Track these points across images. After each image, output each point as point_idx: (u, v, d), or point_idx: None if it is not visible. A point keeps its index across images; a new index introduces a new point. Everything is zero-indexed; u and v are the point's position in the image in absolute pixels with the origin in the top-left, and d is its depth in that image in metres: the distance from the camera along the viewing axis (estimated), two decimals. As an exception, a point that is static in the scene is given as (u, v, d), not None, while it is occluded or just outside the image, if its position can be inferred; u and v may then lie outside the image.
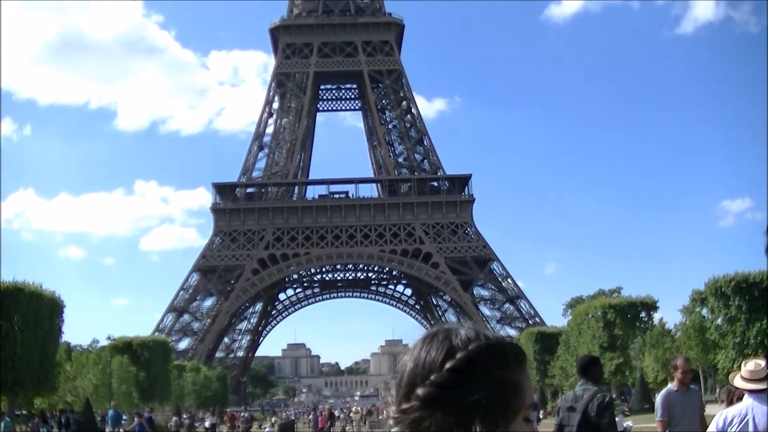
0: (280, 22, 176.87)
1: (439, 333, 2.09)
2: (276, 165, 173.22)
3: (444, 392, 1.96)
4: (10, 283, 47.57)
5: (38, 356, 48.37)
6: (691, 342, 64.83)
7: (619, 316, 77.11)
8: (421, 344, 2.09)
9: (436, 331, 2.12)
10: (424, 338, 2.11)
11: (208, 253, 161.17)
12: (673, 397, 11.74)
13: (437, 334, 2.09)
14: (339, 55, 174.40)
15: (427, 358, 2.03)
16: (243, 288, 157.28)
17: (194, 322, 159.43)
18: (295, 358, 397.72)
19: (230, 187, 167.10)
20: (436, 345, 2.05)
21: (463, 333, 2.07)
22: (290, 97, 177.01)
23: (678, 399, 11.71)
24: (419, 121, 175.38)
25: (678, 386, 11.76)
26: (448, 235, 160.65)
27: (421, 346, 2.08)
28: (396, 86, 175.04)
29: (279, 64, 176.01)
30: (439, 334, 2.08)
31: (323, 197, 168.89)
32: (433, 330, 2.13)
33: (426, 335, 2.12)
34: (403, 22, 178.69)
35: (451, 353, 2.01)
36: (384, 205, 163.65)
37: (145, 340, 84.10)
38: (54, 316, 52.34)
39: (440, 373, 1.98)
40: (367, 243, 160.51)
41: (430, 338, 2.08)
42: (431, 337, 2.09)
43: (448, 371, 1.97)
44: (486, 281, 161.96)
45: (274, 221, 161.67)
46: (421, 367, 2.02)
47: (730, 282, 58.01)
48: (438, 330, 2.12)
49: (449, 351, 2.01)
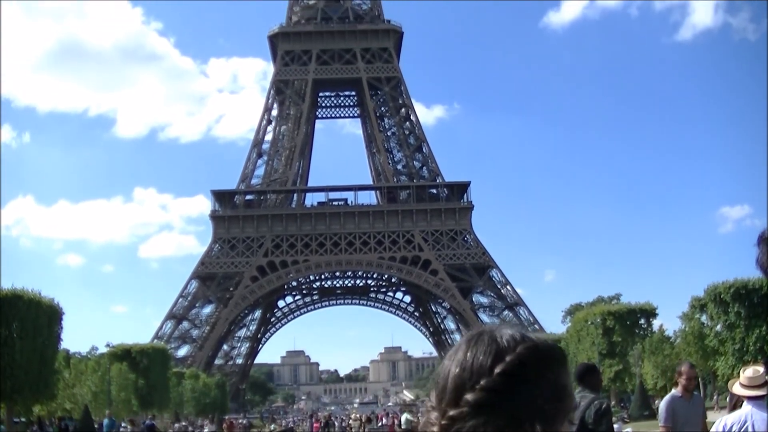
0: (279, 29, 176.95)
1: (484, 335, 2.03)
2: (275, 172, 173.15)
3: (495, 397, 1.90)
4: (9, 290, 47.50)
5: (37, 363, 48.28)
6: (691, 349, 64.76)
7: (618, 323, 77.16)
8: (465, 347, 2.02)
9: (479, 332, 2.06)
10: (467, 340, 2.04)
11: (207, 260, 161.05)
12: (676, 403, 11.71)
13: (482, 336, 2.03)
14: (338, 62, 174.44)
15: (475, 361, 1.96)
16: (242, 295, 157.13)
17: (193, 330, 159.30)
18: (294, 366, 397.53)
19: (229, 195, 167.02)
20: (482, 348, 1.98)
21: (508, 334, 2.01)
22: (289, 105, 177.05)
23: (682, 405, 11.68)
24: (418, 128, 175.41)
25: (682, 392, 11.73)
26: (447, 242, 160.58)
27: (466, 348, 2.01)
28: (395, 93, 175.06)
29: (278, 71, 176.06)
30: (484, 336, 2.02)
31: (322, 204, 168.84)
32: (476, 332, 2.07)
33: (469, 337, 2.05)
34: (402, 30, 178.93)
35: (500, 356, 1.95)
36: (383, 212, 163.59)
37: (144, 348, 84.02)
38: (53, 323, 52.24)
39: (491, 378, 1.92)
40: (366, 250, 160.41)
41: (475, 340, 2.02)
42: (475, 339, 2.03)
43: (499, 375, 1.92)
44: (485, 288, 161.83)
45: (273, 228, 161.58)
46: (468, 371, 1.95)
47: (729, 288, 58.00)
48: (482, 332, 2.06)
49: (497, 354, 1.96)
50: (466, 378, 1.94)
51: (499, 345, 1.97)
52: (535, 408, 1.91)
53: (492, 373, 1.92)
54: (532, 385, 1.92)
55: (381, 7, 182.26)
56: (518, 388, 1.91)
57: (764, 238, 3.58)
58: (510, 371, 1.91)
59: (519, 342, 1.98)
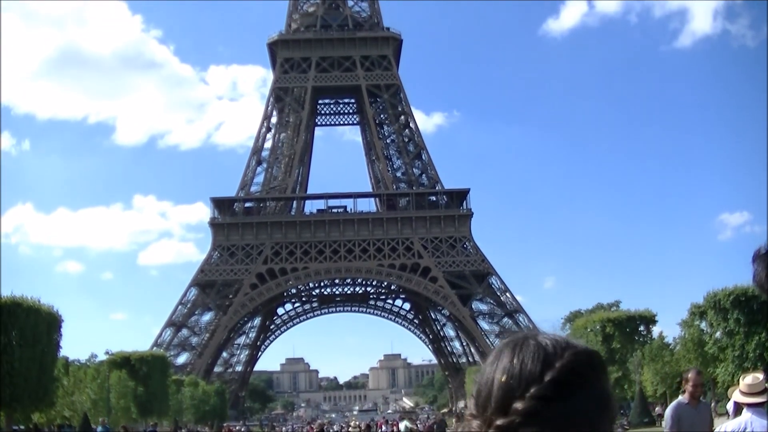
0: (279, 36, 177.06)
1: (528, 340, 1.97)
2: (274, 179, 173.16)
3: (546, 405, 1.84)
4: (8, 298, 47.51)
5: (36, 371, 48.27)
6: (690, 355, 64.74)
7: (618, 330, 77.17)
8: (510, 353, 1.95)
9: (522, 337, 2.00)
10: (512, 346, 1.97)
11: (207, 267, 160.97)
12: (683, 409, 11.68)
13: (526, 341, 1.96)
14: (337, 69, 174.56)
15: (523, 368, 1.90)
16: (241, 302, 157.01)
17: (193, 337, 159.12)
18: (293, 373, 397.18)
19: (228, 202, 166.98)
20: (529, 354, 1.92)
21: (554, 339, 1.97)
22: (288, 112, 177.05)
23: (688, 412, 11.65)
24: (417, 135, 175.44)
25: (689, 399, 11.72)
26: (446, 249, 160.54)
27: (511, 355, 1.94)
28: (394, 101, 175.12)
29: (277, 78, 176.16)
30: (529, 342, 1.96)
31: (321, 212, 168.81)
32: (518, 337, 2.01)
33: (512, 344, 1.98)
34: (401, 37, 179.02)
35: (549, 362, 1.90)
36: (382, 220, 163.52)
37: (143, 355, 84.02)
38: (52, 330, 52.23)
39: (541, 385, 1.86)
40: (366, 257, 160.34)
41: (520, 346, 1.96)
42: (520, 345, 1.96)
43: (550, 383, 1.86)
44: (484, 295, 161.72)
45: (273, 236, 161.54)
46: (517, 378, 1.89)
47: (729, 296, 58.02)
48: (525, 336, 2.00)
49: (546, 360, 1.90)
50: (515, 386, 1.88)
51: (547, 351, 1.92)
52: (583, 415, 1.87)
53: (542, 380, 1.87)
54: (580, 392, 1.88)
55: (380, 15, 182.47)
56: (568, 395, 1.86)
57: (760, 255, 3.58)
58: (561, 378, 1.87)
59: (565, 348, 1.94)
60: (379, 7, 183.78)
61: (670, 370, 67.62)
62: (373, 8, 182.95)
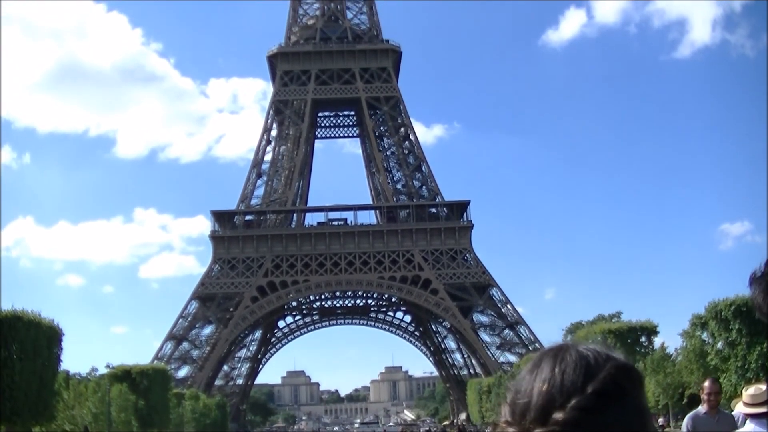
0: (278, 49, 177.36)
1: (570, 350, 1.95)
2: (274, 192, 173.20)
3: (587, 416, 1.81)
4: (8, 312, 47.38)
5: (36, 385, 48.14)
6: (692, 366, 64.56)
7: (619, 341, 76.92)
8: (551, 362, 1.92)
9: (563, 347, 1.97)
10: (552, 356, 1.95)
11: (207, 280, 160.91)
12: (700, 420, 11.56)
13: (568, 351, 1.94)
14: (337, 82, 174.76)
15: (565, 378, 1.87)
16: (242, 315, 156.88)
17: (193, 350, 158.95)
18: (294, 386, 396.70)
19: (229, 215, 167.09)
20: (571, 364, 1.90)
21: (595, 351, 1.96)
22: (288, 125, 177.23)
23: (705, 422, 11.51)
24: (417, 147, 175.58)
25: (707, 409, 11.62)
26: (447, 261, 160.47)
27: (552, 364, 1.91)
28: (394, 113, 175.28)
29: (277, 91, 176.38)
30: (571, 351, 1.94)
31: (322, 224, 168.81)
32: (559, 346, 1.99)
33: (553, 353, 1.96)
34: (401, 49, 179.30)
35: (591, 373, 1.88)
36: (383, 232, 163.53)
37: (144, 369, 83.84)
38: (52, 344, 52.11)
39: (583, 396, 1.84)
40: (366, 270, 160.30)
41: (561, 356, 1.93)
42: (561, 354, 1.94)
43: (592, 394, 1.84)
44: (485, 307, 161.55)
45: (273, 249, 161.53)
46: (558, 388, 1.87)
47: (730, 306, 57.81)
48: (566, 347, 1.97)
49: (588, 371, 1.88)
50: (556, 395, 1.86)
51: (589, 362, 1.90)
52: (622, 427, 1.85)
53: (584, 391, 1.85)
54: (620, 405, 1.87)
55: (380, 27, 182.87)
56: (609, 407, 1.85)
57: (756, 278, 3.54)
58: (603, 390, 1.85)
59: (606, 359, 1.93)
60: (379, 19, 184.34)
61: (672, 381, 67.45)
62: (373, 21, 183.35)
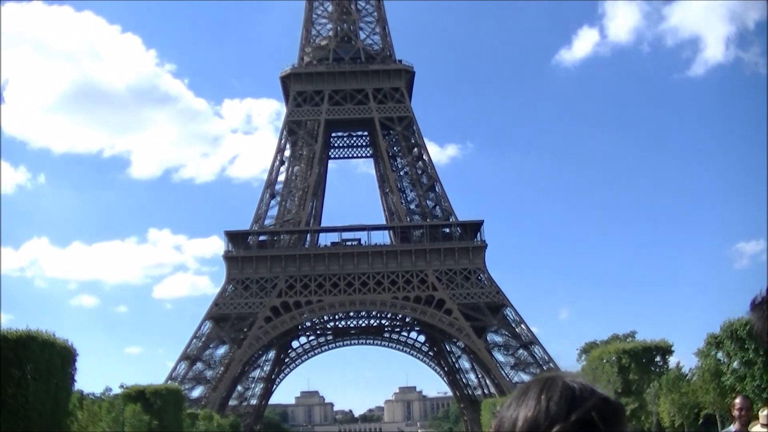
0: (291, 70, 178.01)
1: (557, 380, 2.00)
2: (288, 213, 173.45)
3: None
4: (23, 332, 47.46)
5: (51, 405, 48.17)
6: (708, 386, 64.24)
7: (634, 361, 76.67)
8: (537, 390, 1.98)
9: (550, 377, 2.02)
10: (540, 385, 1.99)
11: (221, 301, 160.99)
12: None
13: (554, 381, 1.99)
14: (350, 102, 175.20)
15: (551, 406, 1.92)
16: (256, 336, 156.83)
17: (207, 370, 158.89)
18: (308, 406, 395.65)
19: (242, 235, 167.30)
20: (557, 393, 1.95)
21: (581, 383, 1.99)
22: (302, 145, 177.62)
23: None
24: (430, 167, 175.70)
25: (738, 427, 11.52)
26: (460, 281, 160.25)
27: (539, 392, 1.97)
28: (407, 133, 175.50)
29: (290, 112, 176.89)
30: (557, 381, 1.99)
31: (336, 244, 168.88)
32: (546, 376, 2.03)
33: (540, 382, 2.01)
34: (413, 69, 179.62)
35: (576, 403, 1.92)
36: (396, 252, 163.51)
37: (158, 389, 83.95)
38: (67, 364, 52.16)
39: (566, 423, 1.89)
40: (380, 290, 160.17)
41: (548, 385, 1.98)
42: (549, 384, 1.99)
43: (576, 422, 1.88)
44: (499, 327, 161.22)
45: (287, 269, 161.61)
46: (543, 414, 1.92)
47: (745, 325, 57.54)
48: (553, 377, 2.02)
49: (573, 400, 1.93)
50: (541, 421, 1.91)
51: (575, 393, 1.94)
52: None
53: (568, 419, 1.89)
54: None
55: (392, 48, 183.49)
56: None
57: (756, 305, 3.54)
58: (586, 419, 1.88)
59: (592, 392, 1.97)
60: (392, 39, 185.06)
61: (687, 401, 67.12)
62: (386, 41, 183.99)
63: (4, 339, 45.72)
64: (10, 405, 44.43)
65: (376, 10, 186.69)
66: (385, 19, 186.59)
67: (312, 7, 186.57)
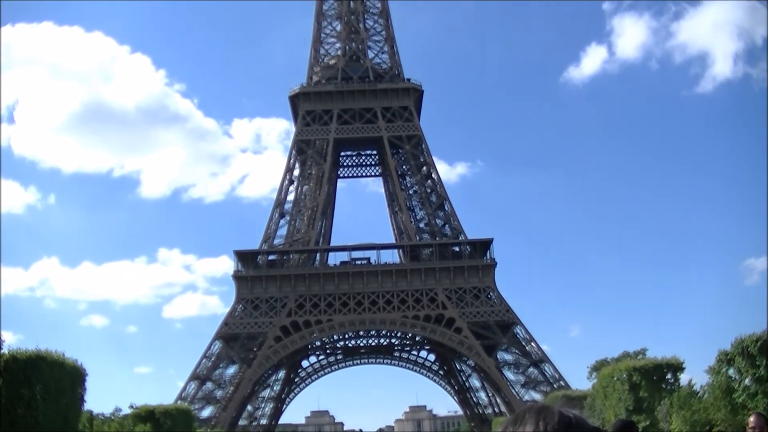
0: (300, 89, 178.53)
1: (553, 409, 2.08)
2: (297, 232, 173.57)
3: None
4: (32, 352, 47.43)
5: (60, 425, 48.06)
6: (719, 403, 63.89)
7: (645, 379, 76.28)
8: (535, 418, 2.03)
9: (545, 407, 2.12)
10: (536, 413, 2.06)
11: (231, 320, 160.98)
12: None
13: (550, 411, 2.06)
14: (359, 121, 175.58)
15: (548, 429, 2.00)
16: (266, 355, 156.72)
17: (217, 390, 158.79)
18: (318, 426, 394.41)
19: (252, 255, 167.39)
20: (554, 421, 2.01)
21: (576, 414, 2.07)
22: (311, 164, 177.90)
23: None
24: (440, 186, 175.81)
25: None
26: (470, 299, 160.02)
27: (536, 420, 2.02)
28: (416, 151, 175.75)
29: (299, 131, 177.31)
30: (553, 410, 2.06)
31: (345, 264, 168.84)
32: (541, 406, 2.12)
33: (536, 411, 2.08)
34: (422, 88, 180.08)
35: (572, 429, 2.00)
36: (406, 271, 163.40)
37: (167, 409, 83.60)
38: (76, 384, 52.08)
39: None
40: (390, 309, 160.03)
41: (544, 414, 2.04)
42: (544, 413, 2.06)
43: None
44: (510, 345, 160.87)
45: (296, 288, 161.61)
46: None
47: (756, 342, 57.29)
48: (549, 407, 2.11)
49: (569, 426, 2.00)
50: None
51: (571, 422, 2.01)
52: None
53: None
54: None
55: (401, 66, 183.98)
56: None
57: None
58: None
59: (584, 422, 2.05)
60: (400, 58, 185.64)
61: (698, 418, 66.75)
62: (394, 60, 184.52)
63: (13, 359, 45.77)
64: (19, 426, 44.37)
65: (384, 29, 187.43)
66: (394, 38, 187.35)
67: (320, 26, 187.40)
